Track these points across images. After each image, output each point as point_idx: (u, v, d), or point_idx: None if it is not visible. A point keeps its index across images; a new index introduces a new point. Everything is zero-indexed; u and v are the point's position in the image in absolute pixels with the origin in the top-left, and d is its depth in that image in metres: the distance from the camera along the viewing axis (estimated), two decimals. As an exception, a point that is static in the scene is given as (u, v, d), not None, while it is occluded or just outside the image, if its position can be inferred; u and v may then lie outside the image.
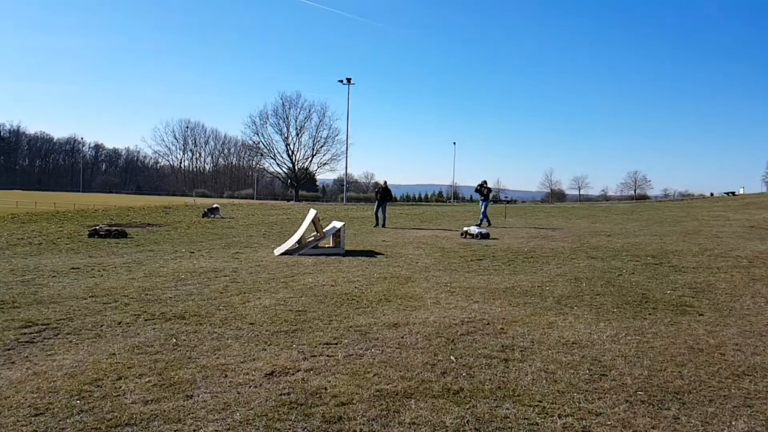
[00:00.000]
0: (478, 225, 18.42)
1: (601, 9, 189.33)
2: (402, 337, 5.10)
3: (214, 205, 22.47)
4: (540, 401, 3.67)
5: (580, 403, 3.66)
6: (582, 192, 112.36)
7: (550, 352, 4.76)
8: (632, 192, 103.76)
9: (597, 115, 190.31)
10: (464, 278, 8.44)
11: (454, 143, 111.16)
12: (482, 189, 18.94)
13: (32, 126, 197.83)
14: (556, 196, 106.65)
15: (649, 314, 6.23)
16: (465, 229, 15.32)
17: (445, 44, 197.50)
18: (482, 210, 18.74)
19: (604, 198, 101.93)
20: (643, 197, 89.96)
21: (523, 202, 73.86)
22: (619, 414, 3.49)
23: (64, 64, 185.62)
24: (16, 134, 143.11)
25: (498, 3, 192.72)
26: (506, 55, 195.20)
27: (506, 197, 52.64)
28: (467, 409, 3.52)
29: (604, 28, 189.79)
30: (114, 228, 14.16)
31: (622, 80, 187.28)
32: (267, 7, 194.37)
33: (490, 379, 4.04)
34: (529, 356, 4.62)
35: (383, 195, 18.96)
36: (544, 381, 4.04)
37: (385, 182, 19.84)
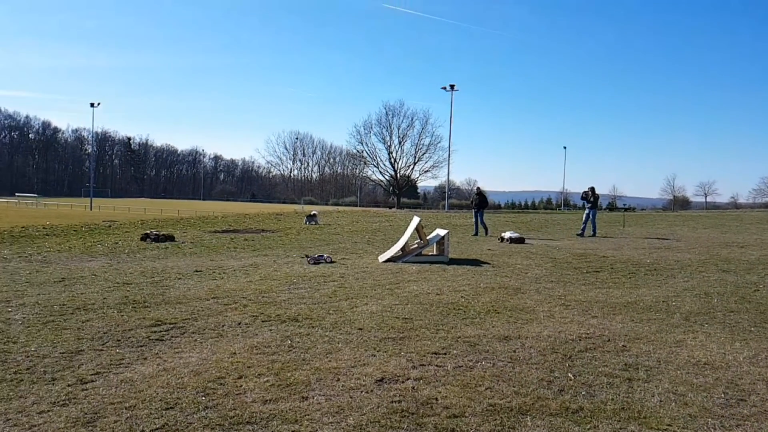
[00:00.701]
0: (581, 233, 17.51)
1: None
2: (514, 351, 4.90)
3: (313, 212, 23.88)
4: (669, 425, 3.36)
5: (715, 429, 3.32)
6: (708, 199, 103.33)
7: (679, 372, 4.36)
8: (766, 200, 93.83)
9: (725, 114, 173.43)
10: (580, 291, 7.99)
11: (564, 147, 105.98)
12: (589, 196, 17.94)
13: (159, 139, 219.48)
14: (680, 203, 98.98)
15: None
16: (502, 235, 15.56)
17: (553, 46, 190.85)
18: (590, 218, 17.69)
19: (734, 206, 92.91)
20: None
21: (642, 209, 69.18)
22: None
23: (189, 81, 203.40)
24: (145, 146, 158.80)
25: (610, 6, 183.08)
26: (619, 54, 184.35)
27: (624, 205, 49.38)
28: (588, 429, 3.29)
29: (729, 15, 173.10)
30: (162, 234, 15.26)
31: (751, 74, 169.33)
32: (370, 20, 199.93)
33: (612, 399, 3.76)
34: (655, 376, 4.26)
35: (479, 202, 18.59)
36: (674, 403, 3.70)
37: (478, 188, 19.43)
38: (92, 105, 74.36)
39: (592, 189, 18.05)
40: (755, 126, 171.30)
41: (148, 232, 15.61)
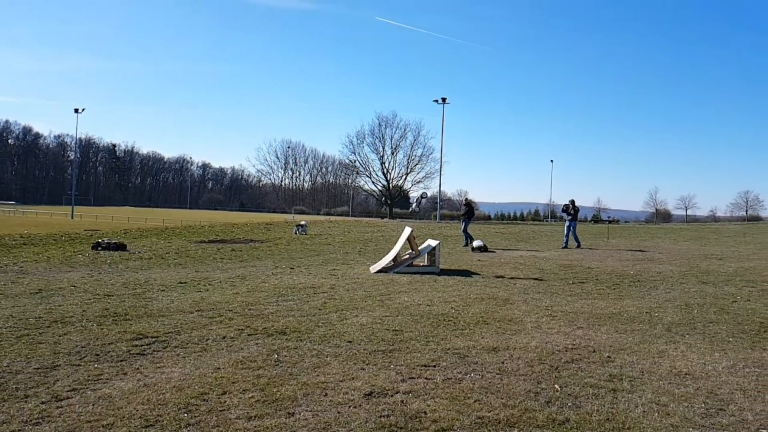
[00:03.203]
0: (565, 246, 17.67)
1: (709, 12, 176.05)
2: (502, 363, 4.91)
3: (302, 222, 24.49)
4: (654, 436, 3.38)
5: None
6: (689, 212, 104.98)
7: (661, 383, 4.45)
8: (743, 213, 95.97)
9: (705, 131, 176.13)
10: (566, 302, 8.04)
11: (551, 161, 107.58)
12: (569, 208, 18.22)
13: (145, 146, 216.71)
14: (662, 216, 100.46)
15: None
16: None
17: (540, 62, 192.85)
18: (571, 230, 17.92)
19: (713, 219, 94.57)
20: (756, 218, 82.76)
21: (626, 222, 69.90)
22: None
23: (177, 88, 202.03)
24: (130, 154, 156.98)
25: (595, 21, 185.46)
26: (603, 70, 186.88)
27: (608, 217, 50.04)
28: (576, 443, 3.29)
29: (710, 31, 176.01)
30: (113, 242, 15.18)
31: (730, 92, 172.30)
32: (363, 31, 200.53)
33: (597, 410, 3.80)
34: (639, 387, 4.33)
35: (466, 212, 18.83)
36: (656, 414, 3.77)
37: (467, 198, 19.56)
38: (76, 111, 73.66)
39: (572, 202, 18.38)
40: (733, 143, 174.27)
41: (99, 240, 15.49)
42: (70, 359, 4.87)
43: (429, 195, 79.57)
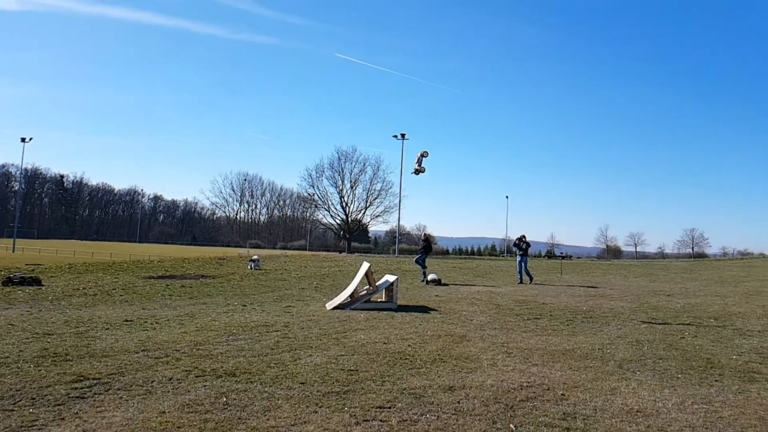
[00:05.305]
0: (520, 281, 17.89)
1: (652, 52, 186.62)
2: (458, 402, 4.84)
3: (255, 257, 24.63)
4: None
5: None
6: (638, 249, 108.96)
7: (613, 420, 4.47)
8: (690, 250, 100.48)
9: (653, 171, 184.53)
10: (521, 338, 8.08)
11: (507, 197, 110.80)
12: (521, 243, 18.40)
13: (95, 177, 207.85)
14: (612, 252, 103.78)
15: (716, 381, 5.84)
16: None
17: (497, 100, 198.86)
18: (524, 266, 18.15)
19: (662, 255, 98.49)
20: (701, 255, 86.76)
21: (578, 258, 71.85)
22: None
23: (128, 117, 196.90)
24: (79, 185, 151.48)
25: (548, 60, 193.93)
26: (558, 109, 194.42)
27: (561, 253, 51.29)
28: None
29: (655, 70, 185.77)
30: (28, 277, 14.63)
31: (676, 131, 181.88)
32: (323, 67, 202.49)
33: (554, 452, 3.75)
34: (592, 425, 4.34)
35: (423, 247, 19.08)
36: (611, 454, 3.74)
37: (425, 234, 19.78)
38: (23, 140, 71.03)
39: (523, 237, 18.52)
40: (679, 182, 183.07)
41: (11, 275, 14.79)
42: (2, 404, 4.53)
43: (389, 229, 79.79)
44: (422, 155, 13.31)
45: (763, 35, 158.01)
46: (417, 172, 12.38)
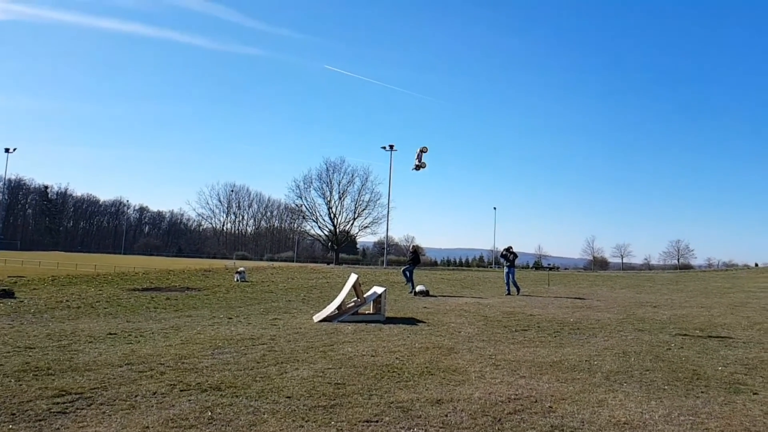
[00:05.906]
0: (508, 293, 17.87)
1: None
2: (446, 416, 4.82)
3: (241, 269, 24.62)
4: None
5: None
6: (625, 260, 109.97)
7: (601, 433, 4.45)
8: (675, 261, 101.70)
9: (638, 183, 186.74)
10: (509, 350, 8.08)
11: (494, 208, 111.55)
12: (508, 254, 18.40)
13: (80, 188, 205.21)
14: (599, 263, 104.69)
15: (702, 392, 5.89)
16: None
17: (485, 112, 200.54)
18: (511, 277, 18.13)
19: (647, 267, 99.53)
20: (687, 267, 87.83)
21: (565, 269, 72.32)
22: None
23: (114, 129, 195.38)
24: (63, 196, 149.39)
25: (534, 71, 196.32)
26: (546, 123, 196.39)
27: (548, 264, 51.67)
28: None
29: (641, 82, 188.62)
30: (1, 289, 14.35)
31: (663, 148, 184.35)
32: (312, 78, 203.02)
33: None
34: (580, 438, 4.30)
35: (411, 259, 19.13)
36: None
37: (413, 246, 19.82)
38: (7, 150, 70.37)
39: (510, 248, 18.51)
40: (665, 193, 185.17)
41: None
42: (-21, 421, 4.42)
43: (377, 240, 79.76)
44: (422, 150, 13.33)
45: (748, 47, 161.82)
46: (417, 167, 12.42)
